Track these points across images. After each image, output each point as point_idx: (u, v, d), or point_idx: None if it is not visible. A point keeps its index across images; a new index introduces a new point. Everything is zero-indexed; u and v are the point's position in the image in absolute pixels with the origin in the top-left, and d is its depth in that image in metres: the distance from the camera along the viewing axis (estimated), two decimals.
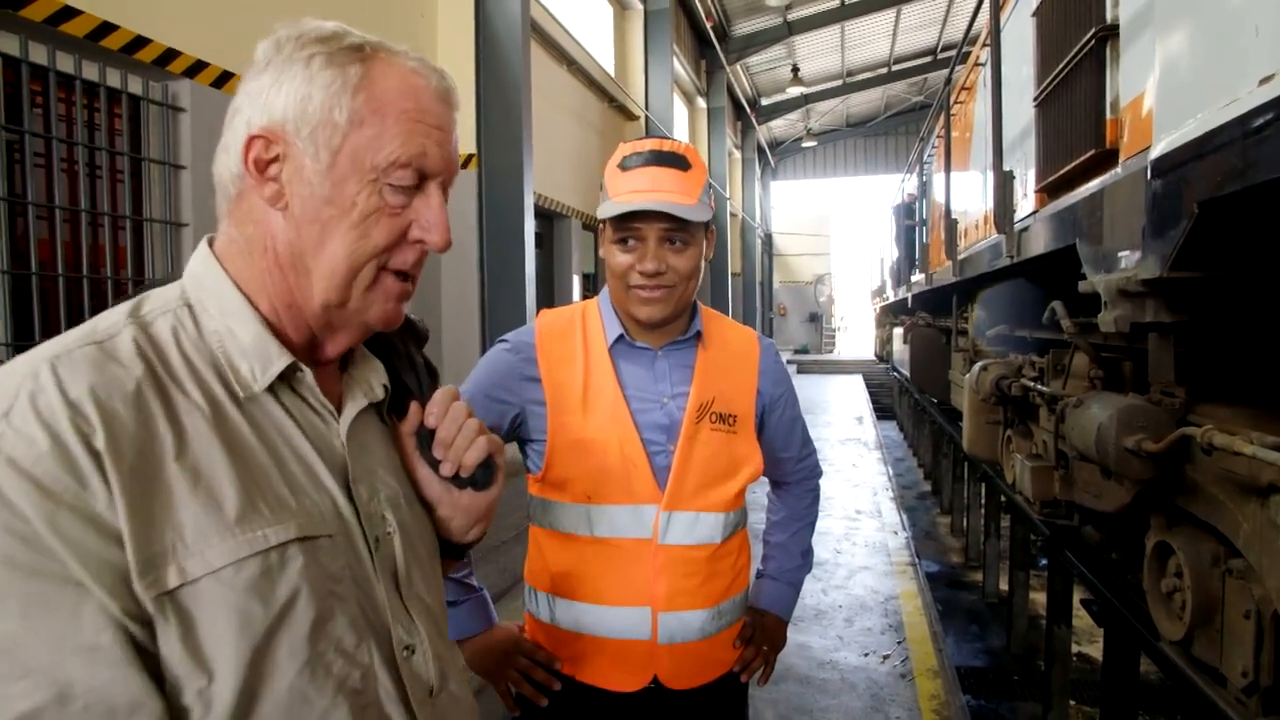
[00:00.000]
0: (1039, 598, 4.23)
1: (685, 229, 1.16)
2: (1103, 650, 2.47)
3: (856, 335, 28.36)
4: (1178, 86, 1.49)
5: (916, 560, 4.78)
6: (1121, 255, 1.73)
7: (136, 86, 3.22)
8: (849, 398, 13.37)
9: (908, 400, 10.29)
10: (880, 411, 12.57)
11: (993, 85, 3.16)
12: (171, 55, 3.29)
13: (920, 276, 6.81)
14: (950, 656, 3.51)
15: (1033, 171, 2.71)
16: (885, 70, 19.54)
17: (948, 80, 5.04)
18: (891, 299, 10.13)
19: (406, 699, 0.67)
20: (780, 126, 23.72)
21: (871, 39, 17.40)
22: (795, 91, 18.11)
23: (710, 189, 1.22)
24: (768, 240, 24.33)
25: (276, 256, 0.65)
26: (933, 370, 5.98)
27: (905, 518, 5.86)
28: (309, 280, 0.65)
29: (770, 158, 24.50)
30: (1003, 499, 4.31)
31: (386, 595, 0.67)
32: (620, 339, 1.23)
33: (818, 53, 17.50)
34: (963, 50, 4.67)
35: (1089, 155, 2.07)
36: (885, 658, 3.31)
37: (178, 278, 0.68)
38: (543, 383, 1.21)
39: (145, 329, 0.61)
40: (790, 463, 1.41)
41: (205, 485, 0.57)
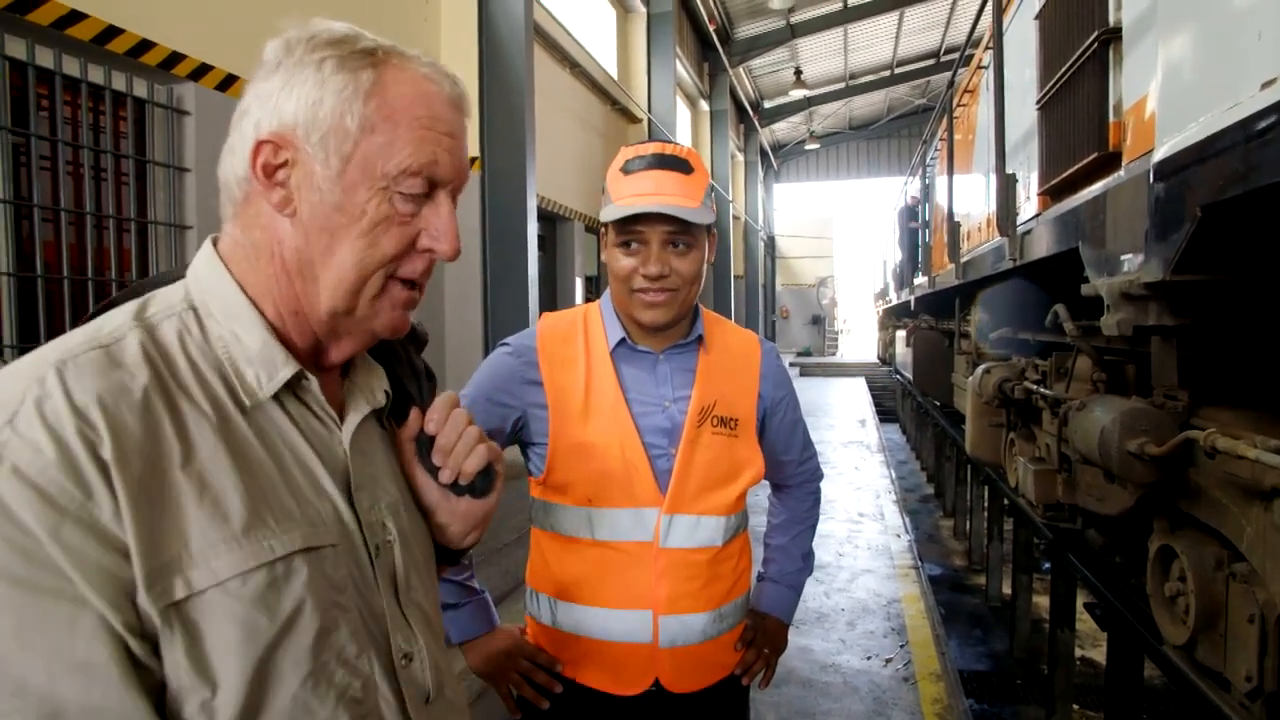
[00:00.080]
0: (1042, 601, 4.22)
1: (688, 232, 1.16)
2: (1106, 654, 2.47)
3: (859, 338, 28.33)
4: (1180, 90, 1.49)
5: (919, 563, 4.77)
6: (1124, 258, 1.73)
7: (142, 90, 3.24)
8: (852, 400, 13.36)
9: (910, 403, 10.28)
10: (883, 414, 12.55)
11: (995, 88, 3.16)
12: (176, 59, 3.30)
13: (923, 279, 6.81)
14: (953, 660, 3.51)
15: (1035, 174, 2.70)
16: (888, 73, 19.54)
17: (950, 83, 5.04)
18: (894, 301, 10.12)
19: (404, 706, 0.67)
20: (783, 129, 23.72)
21: (874, 42, 17.40)
22: (798, 94, 18.11)
23: (712, 192, 1.22)
24: (770, 243, 24.32)
25: (283, 263, 0.64)
26: (935, 373, 5.98)
27: (908, 521, 5.85)
28: (316, 287, 0.64)
29: (773, 160, 24.48)
30: (1006, 502, 4.30)
31: (386, 603, 0.67)
32: (622, 342, 1.23)
33: (821, 55, 17.50)
34: (965, 53, 4.67)
35: (1092, 158, 2.06)
36: (888, 661, 3.31)
37: (179, 275, 0.67)
38: (544, 386, 1.21)
39: (151, 332, 0.59)
40: (791, 466, 1.41)
41: (211, 495, 0.56)
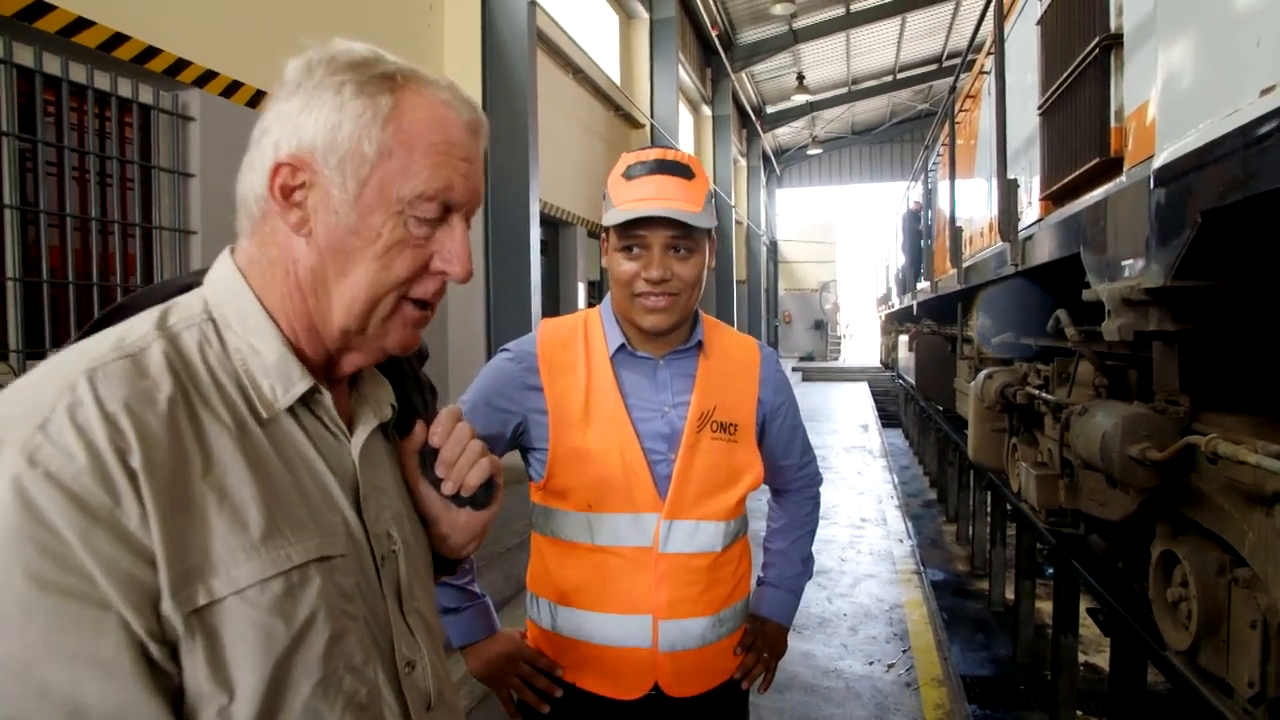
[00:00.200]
0: (1045, 606, 4.21)
1: (690, 236, 1.16)
2: (1109, 660, 2.46)
3: (862, 342, 28.30)
4: (1180, 96, 1.50)
5: (922, 568, 4.76)
6: (1125, 264, 1.73)
7: (147, 96, 3.26)
8: (854, 405, 13.35)
9: (913, 408, 10.27)
10: (885, 419, 12.54)
11: (997, 94, 3.16)
12: (182, 65, 3.32)
13: (925, 284, 6.81)
14: (956, 665, 3.50)
15: (1037, 179, 2.71)
16: (890, 78, 19.56)
17: (952, 88, 5.05)
18: (897, 306, 10.11)
19: (407, 712, 0.68)
20: (785, 134, 23.75)
21: (877, 47, 17.43)
22: (800, 99, 18.16)
23: (713, 198, 1.22)
24: (773, 247, 24.32)
25: (298, 281, 0.65)
26: (938, 378, 5.97)
27: (910, 526, 5.84)
28: (329, 306, 0.65)
29: (775, 165, 24.52)
30: (1008, 507, 4.29)
31: (391, 612, 0.69)
32: (622, 348, 1.23)
33: (823, 61, 17.53)
34: (967, 58, 4.68)
35: (1093, 164, 2.07)
36: (890, 666, 3.30)
37: (187, 284, 0.68)
38: (544, 392, 1.21)
39: (174, 342, 0.60)
40: (791, 470, 1.41)
41: (231, 504, 0.58)
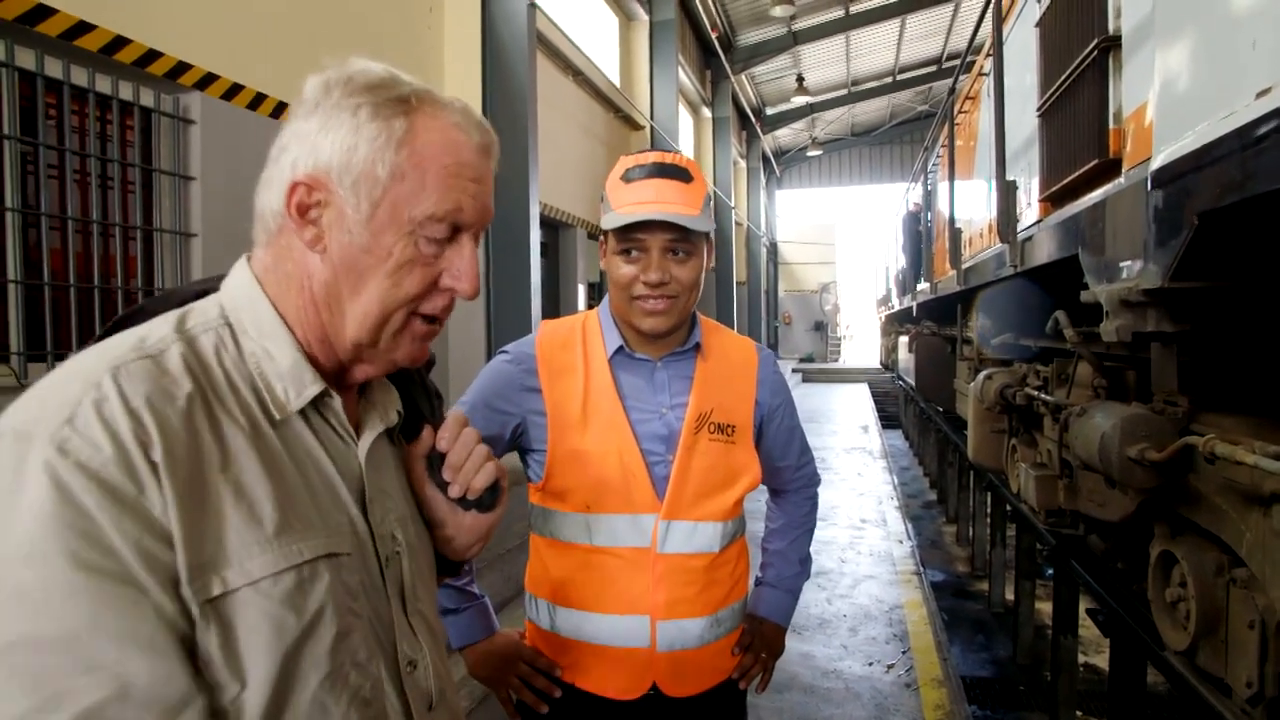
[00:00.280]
0: (1045, 607, 4.21)
1: (688, 239, 1.17)
2: (1109, 660, 2.47)
3: (862, 344, 28.30)
4: (1177, 98, 1.50)
5: (921, 569, 4.76)
6: (1123, 265, 1.74)
7: (148, 99, 3.26)
8: (854, 406, 13.36)
9: (913, 409, 10.27)
10: (886, 420, 12.55)
11: (995, 96, 3.17)
12: (183, 68, 3.33)
13: (925, 285, 6.81)
14: (956, 666, 3.50)
15: (1037, 180, 2.71)
16: (890, 79, 19.58)
17: (951, 90, 5.05)
18: (897, 307, 10.11)
19: (409, 711, 0.70)
20: (785, 135, 23.76)
21: (876, 49, 17.44)
22: (800, 101, 18.14)
23: (711, 201, 1.23)
24: (773, 249, 24.34)
25: (312, 294, 0.68)
26: (938, 379, 5.97)
27: (910, 527, 5.84)
28: (342, 320, 0.68)
29: (775, 167, 24.53)
30: (1008, 508, 4.30)
31: (394, 612, 0.71)
32: (620, 350, 1.24)
33: (823, 62, 17.55)
34: (966, 60, 4.68)
35: (1092, 165, 2.07)
36: (890, 667, 3.30)
37: (200, 290, 0.70)
38: (543, 393, 1.22)
39: (191, 344, 0.63)
40: (788, 471, 1.42)
41: (246, 499, 0.60)
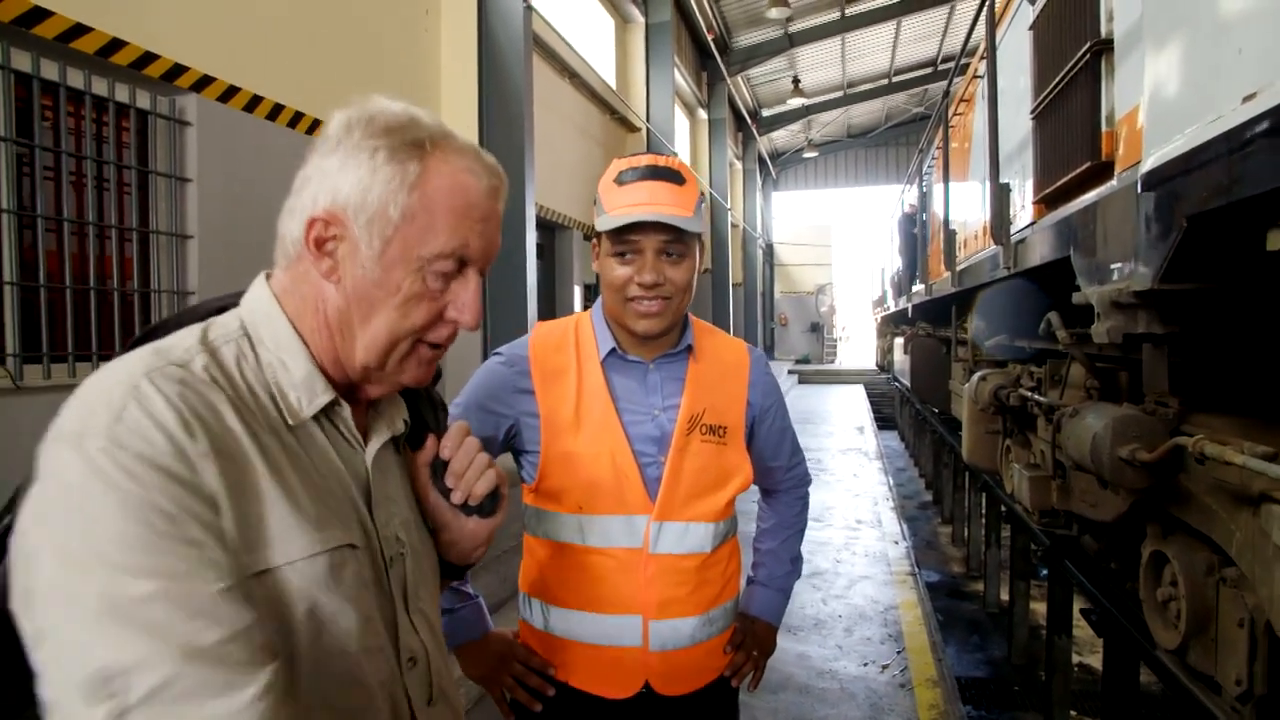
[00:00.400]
0: (1040, 608, 4.23)
1: (681, 241, 1.18)
2: (1102, 660, 2.48)
3: (858, 345, 28.34)
4: (1166, 102, 1.52)
5: (916, 570, 4.78)
6: (1114, 267, 1.75)
7: (144, 101, 3.27)
8: (850, 408, 13.38)
9: (909, 410, 10.29)
10: (881, 421, 12.57)
11: (989, 99, 3.18)
12: (179, 71, 3.33)
13: (920, 287, 6.83)
14: (950, 666, 3.51)
15: (1030, 183, 2.73)
16: (886, 81, 19.62)
17: (946, 93, 5.07)
18: (892, 309, 10.14)
19: (410, 705, 0.74)
20: (781, 137, 23.80)
21: (872, 51, 17.49)
22: (796, 103, 18.15)
23: (703, 202, 1.24)
24: (769, 250, 24.36)
25: (326, 319, 0.72)
26: (933, 380, 5.99)
27: (906, 527, 5.86)
28: (353, 345, 0.72)
29: (771, 168, 24.55)
30: (1003, 509, 4.31)
31: (396, 610, 0.75)
32: (612, 352, 1.25)
33: (819, 64, 17.59)
34: (961, 62, 4.70)
35: (1085, 168, 2.09)
36: (884, 667, 3.32)
37: (217, 307, 0.76)
38: (536, 395, 1.23)
39: (214, 354, 0.67)
40: (780, 471, 1.43)
41: (282, 486, 0.65)
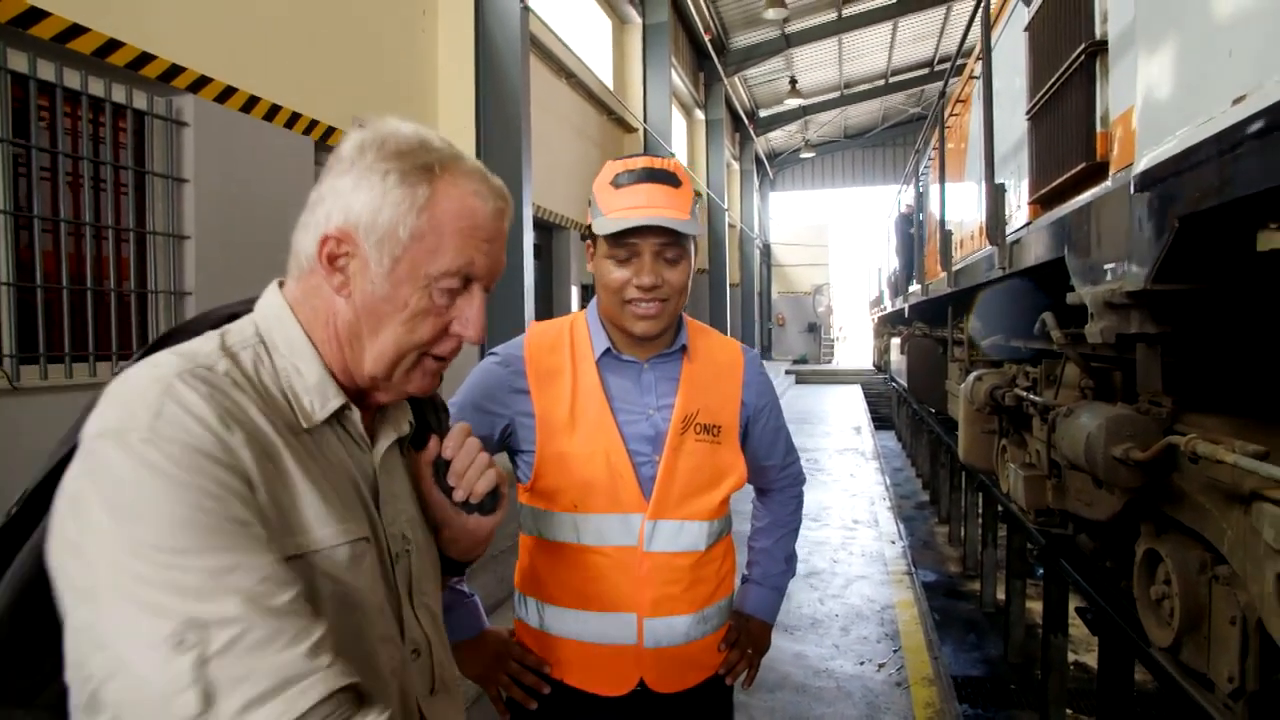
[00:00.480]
0: (1036, 607, 4.24)
1: (678, 243, 1.19)
2: (1098, 658, 2.49)
3: (855, 345, 28.35)
4: (1159, 104, 1.53)
5: (913, 569, 4.79)
6: (1108, 268, 1.76)
7: (141, 102, 3.27)
8: (847, 408, 13.40)
9: (906, 410, 10.31)
10: (878, 421, 12.59)
11: (984, 100, 3.20)
12: (176, 71, 3.33)
13: (917, 287, 6.85)
14: (947, 665, 3.52)
15: (1026, 183, 2.74)
16: (883, 82, 19.66)
17: (942, 93, 5.08)
18: (889, 309, 10.16)
19: (414, 693, 0.78)
20: (779, 138, 23.82)
21: (869, 51, 17.51)
22: (793, 103, 18.18)
23: (698, 204, 1.25)
24: (766, 251, 24.38)
25: (336, 330, 0.76)
26: (930, 380, 6.01)
27: (902, 527, 5.87)
28: (362, 356, 0.76)
29: (769, 169, 24.58)
30: (999, 508, 4.33)
31: (402, 604, 0.79)
32: (607, 352, 1.25)
33: (816, 65, 17.61)
34: (956, 63, 4.72)
35: (1080, 168, 2.10)
36: (881, 666, 3.33)
37: (226, 316, 0.79)
38: (531, 395, 1.23)
39: (234, 359, 0.71)
40: (774, 470, 1.44)
41: (309, 478, 0.69)
